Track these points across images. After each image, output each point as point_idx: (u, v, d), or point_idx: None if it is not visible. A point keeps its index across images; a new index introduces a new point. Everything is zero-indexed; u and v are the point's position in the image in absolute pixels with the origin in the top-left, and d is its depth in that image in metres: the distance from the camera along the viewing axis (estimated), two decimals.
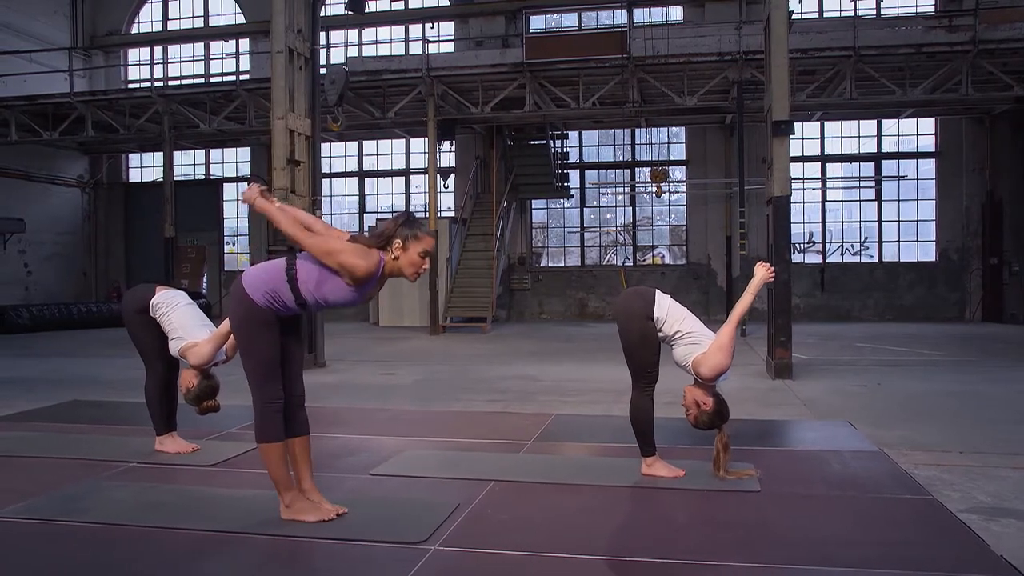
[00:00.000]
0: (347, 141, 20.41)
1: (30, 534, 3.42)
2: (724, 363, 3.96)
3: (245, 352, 3.43)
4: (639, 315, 4.12)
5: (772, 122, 8.82)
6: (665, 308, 4.12)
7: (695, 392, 4.09)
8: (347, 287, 3.34)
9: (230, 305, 3.47)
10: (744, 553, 3.15)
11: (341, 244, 3.32)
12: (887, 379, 8.52)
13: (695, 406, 4.08)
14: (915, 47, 13.69)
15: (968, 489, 4.22)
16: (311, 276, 3.35)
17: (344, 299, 3.39)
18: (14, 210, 19.11)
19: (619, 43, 14.49)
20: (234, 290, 3.46)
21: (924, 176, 18.25)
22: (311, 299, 3.38)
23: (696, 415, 4.08)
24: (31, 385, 8.46)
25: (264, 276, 3.40)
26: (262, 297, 3.36)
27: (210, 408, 4.53)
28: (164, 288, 4.84)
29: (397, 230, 3.34)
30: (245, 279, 3.42)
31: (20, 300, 18.97)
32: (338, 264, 3.28)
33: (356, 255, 3.27)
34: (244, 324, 3.40)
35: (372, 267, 3.30)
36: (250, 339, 3.39)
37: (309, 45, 10.48)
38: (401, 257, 3.34)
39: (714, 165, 18.55)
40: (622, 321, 4.19)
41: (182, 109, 16.88)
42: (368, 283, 3.34)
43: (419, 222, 3.41)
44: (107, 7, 21.69)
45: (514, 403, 7.17)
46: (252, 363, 3.41)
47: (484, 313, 16.26)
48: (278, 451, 3.44)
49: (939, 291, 17.80)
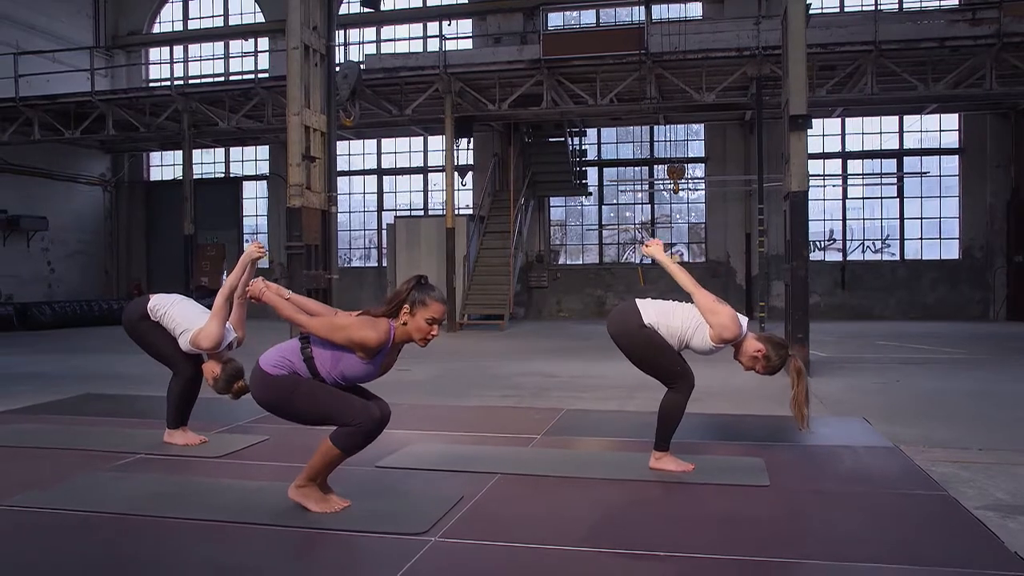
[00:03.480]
0: (365, 139, 20.45)
1: (37, 523, 3.43)
2: (725, 315, 3.98)
3: (312, 415, 3.39)
4: (634, 327, 4.10)
5: (789, 116, 8.71)
6: (652, 312, 4.11)
7: (742, 354, 4.10)
8: (361, 362, 3.34)
9: (257, 392, 3.44)
10: (751, 547, 3.09)
11: (347, 320, 3.34)
12: (906, 377, 8.39)
13: (755, 360, 4.07)
14: (938, 41, 13.48)
15: (986, 486, 4.13)
16: (325, 357, 3.37)
17: (361, 374, 3.39)
18: (37, 208, 19.34)
19: (637, 39, 14.39)
20: (255, 377, 3.44)
21: (947, 173, 18.00)
22: (329, 379, 3.39)
23: (763, 364, 4.07)
24: (50, 380, 8.54)
25: (279, 355, 3.41)
26: (284, 371, 3.37)
27: (243, 389, 4.47)
28: (156, 294, 4.91)
29: (408, 295, 3.32)
30: (263, 360, 3.42)
31: (43, 297, 19.21)
32: (347, 340, 3.28)
33: (363, 327, 3.28)
34: (284, 397, 3.38)
35: (383, 336, 3.29)
36: (303, 402, 3.37)
37: (325, 41, 10.50)
38: (409, 323, 3.33)
39: (733, 162, 18.40)
40: (623, 342, 4.16)
41: (201, 107, 16.99)
42: (380, 353, 3.34)
43: (429, 288, 3.37)
44: (129, 7, 21.90)
45: (528, 399, 7.13)
46: (326, 411, 3.37)
47: (501, 311, 16.23)
48: (339, 459, 3.44)
49: (962, 289, 17.54)
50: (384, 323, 3.33)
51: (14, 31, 18.87)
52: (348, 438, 3.35)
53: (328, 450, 3.38)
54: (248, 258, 4.46)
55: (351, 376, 3.39)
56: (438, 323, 3.35)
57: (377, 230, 20.73)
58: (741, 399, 6.82)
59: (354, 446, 3.39)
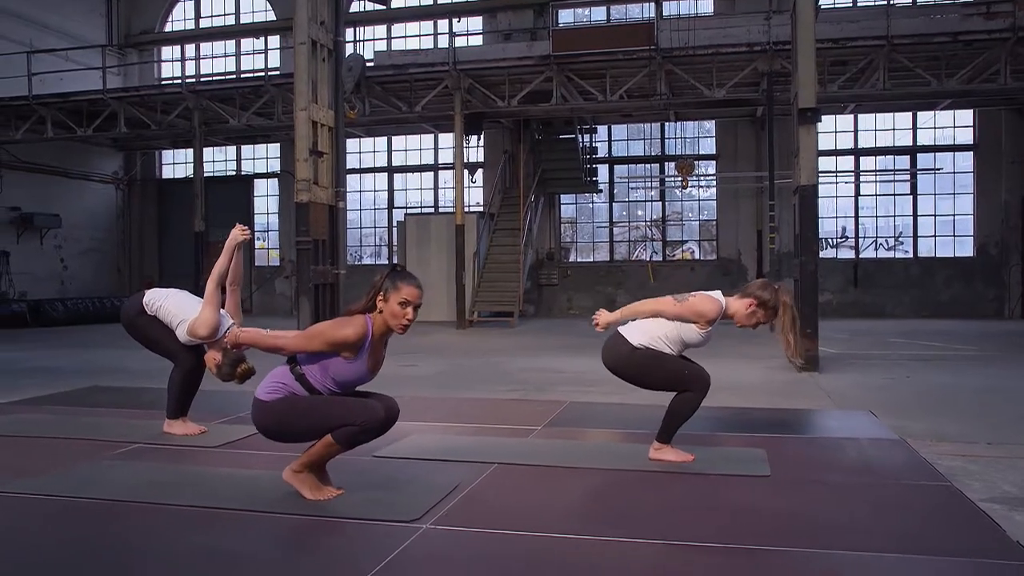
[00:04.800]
0: (376, 136, 20.47)
1: (33, 509, 3.45)
2: (696, 304, 4.00)
3: (316, 425, 3.36)
4: (626, 352, 4.09)
5: (798, 110, 8.64)
6: (637, 333, 4.10)
7: (739, 318, 4.08)
8: (347, 362, 3.33)
9: (259, 421, 3.43)
10: (748, 536, 3.04)
11: (321, 325, 3.37)
12: (916, 373, 8.29)
13: (752, 314, 4.05)
14: (951, 35, 13.33)
15: (993, 479, 4.05)
16: (314, 370, 3.36)
17: (351, 376, 3.38)
18: (51, 206, 19.48)
19: (646, 35, 14.32)
20: (255, 408, 3.43)
21: (961, 169, 17.82)
22: (324, 389, 3.38)
23: (761, 312, 4.04)
24: (58, 374, 8.57)
25: (272, 381, 3.40)
26: (280, 394, 3.36)
27: (247, 372, 4.46)
28: (151, 289, 4.93)
29: (381, 284, 3.33)
30: (259, 391, 3.42)
31: (56, 294, 19.33)
32: (326, 343, 3.28)
33: (337, 327, 3.30)
34: (285, 418, 3.36)
35: (359, 329, 3.29)
36: (304, 416, 3.35)
37: (332, 37, 10.50)
38: (385, 310, 3.32)
39: (745, 159, 18.30)
40: (622, 370, 4.15)
41: (212, 105, 17.04)
42: (363, 347, 3.33)
43: (401, 274, 3.37)
44: (141, 6, 22.02)
45: (533, 393, 7.08)
46: (328, 417, 3.34)
47: (511, 308, 16.19)
48: (339, 452, 3.42)
49: (977, 287, 17.36)
50: (359, 318, 3.34)
51: (28, 30, 19.00)
52: (349, 435, 3.33)
53: (329, 443, 3.37)
54: (233, 242, 4.53)
55: (343, 380, 3.38)
56: (412, 306, 3.33)
57: (387, 228, 20.75)
58: (746, 393, 6.75)
59: (355, 442, 3.38)
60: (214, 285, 4.52)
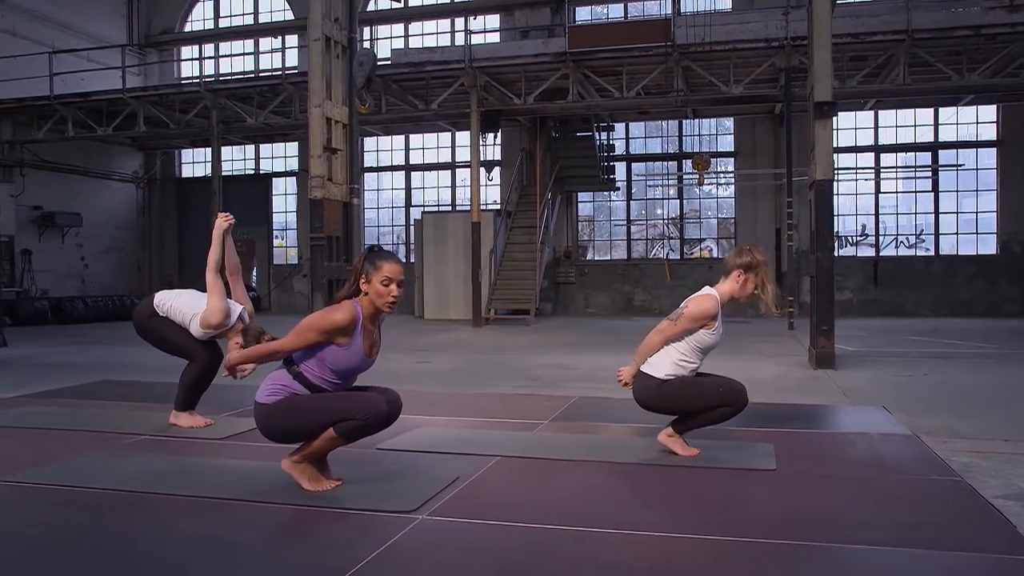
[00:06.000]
0: (393, 135, 20.51)
1: (40, 497, 3.49)
2: (693, 311, 3.98)
3: (319, 420, 3.33)
4: (656, 386, 4.02)
5: (814, 103, 8.53)
6: (657, 365, 4.04)
7: (740, 295, 4.06)
8: (343, 349, 3.32)
9: (262, 424, 3.42)
10: (752, 529, 2.98)
11: (310, 318, 3.35)
12: (934, 371, 8.16)
13: (746, 284, 4.03)
14: (973, 29, 13.13)
15: (1008, 476, 3.96)
16: (311, 364, 3.35)
17: (349, 362, 3.36)
18: (72, 205, 19.67)
19: (663, 31, 14.23)
20: (256, 413, 3.43)
21: (984, 166, 17.54)
22: (321, 383, 3.37)
23: (752, 277, 4.02)
24: (75, 369, 8.63)
25: (271, 384, 3.40)
26: (280, 396, 3.36)
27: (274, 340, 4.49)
28: (160, 291, 5.03)
29: (362, 266, 3.33)
30: (259, 395, 3.41)
31: (76, 292, 19.52)
32: (318, 332, 3.29)
33: (326, 314, 3.32)
34: (287, 417, 3.35)
35: (348, 313, 3.29)
36: (306, 413, 3.34)
37: (347, 34, 10.52)
38: (369, 291, 3.32)
39: (763, 157, 18.14)
40: (657, 403, 4.07)
41: (230, 104, 17.13)
42: (355, 330, 3.32)
43: (380, 253, 3.37)
44: (162, 6, 22.20)
45: (545, 389, 7.04)
46: (329, 412, 3.32)
47: (528, 306, 16.15)
48: (340, 444, 3.41)
49: (1000, 286, 17.08)
50: (346, 303, 3.34)
51: (50, 30, 19.21)
52: (351, 429, 3.32)
53: (331, 436, 3.35)
54: (219, 230, 4.76)
55: (341, 368, 3.36)
56: (395, 282, 3.32)
57: (405, 226, 20.77)
58: (760, 389, 6.65)
59: (357, 436, 3.36)
60: (212, 274, 4.63)
